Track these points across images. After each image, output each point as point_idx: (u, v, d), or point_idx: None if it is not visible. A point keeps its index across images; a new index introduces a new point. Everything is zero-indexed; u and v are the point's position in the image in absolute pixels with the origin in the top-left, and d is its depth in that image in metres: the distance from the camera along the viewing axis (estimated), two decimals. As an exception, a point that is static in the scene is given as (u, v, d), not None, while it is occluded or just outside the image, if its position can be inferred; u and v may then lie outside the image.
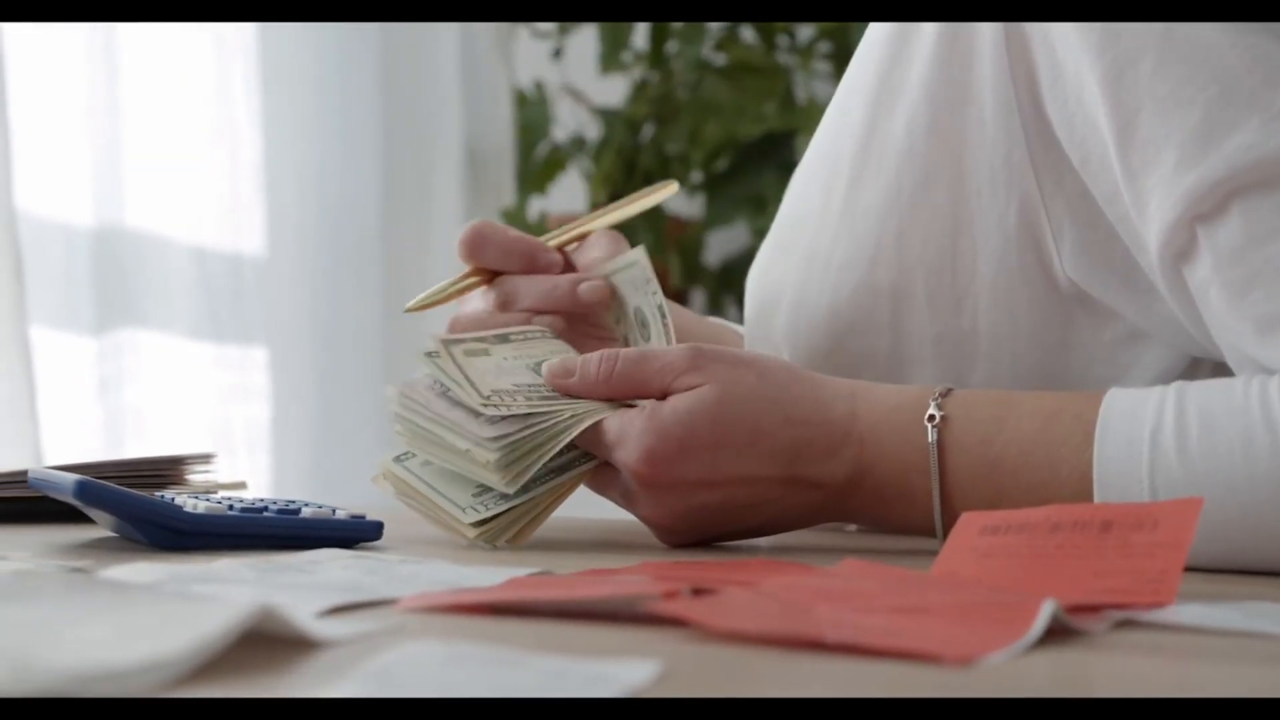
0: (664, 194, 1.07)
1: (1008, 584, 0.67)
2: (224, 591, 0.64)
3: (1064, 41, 0.86)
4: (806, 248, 0.97)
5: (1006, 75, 0.89)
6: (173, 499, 0.86)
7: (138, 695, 0.44)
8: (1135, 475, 0.80)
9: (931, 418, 0.84)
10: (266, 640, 0.51)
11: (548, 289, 0.98)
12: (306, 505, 0.88)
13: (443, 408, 0.89)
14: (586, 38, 2.59)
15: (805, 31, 2.50)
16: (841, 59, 2.42)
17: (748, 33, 2.51)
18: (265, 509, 0.86)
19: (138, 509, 0.83)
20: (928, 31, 0.92)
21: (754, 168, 2.42)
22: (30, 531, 0.93)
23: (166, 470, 1.02)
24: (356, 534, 0.85)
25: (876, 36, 0.96)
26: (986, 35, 0.89)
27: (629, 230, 2.45)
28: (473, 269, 1.00)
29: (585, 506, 0.95)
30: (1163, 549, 0.66)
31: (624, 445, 0.84)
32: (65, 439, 1.81)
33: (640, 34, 2.54)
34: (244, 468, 2.02)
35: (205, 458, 1.02)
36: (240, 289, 2.06)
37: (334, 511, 0.86)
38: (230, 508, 0.85)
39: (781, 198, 2.42)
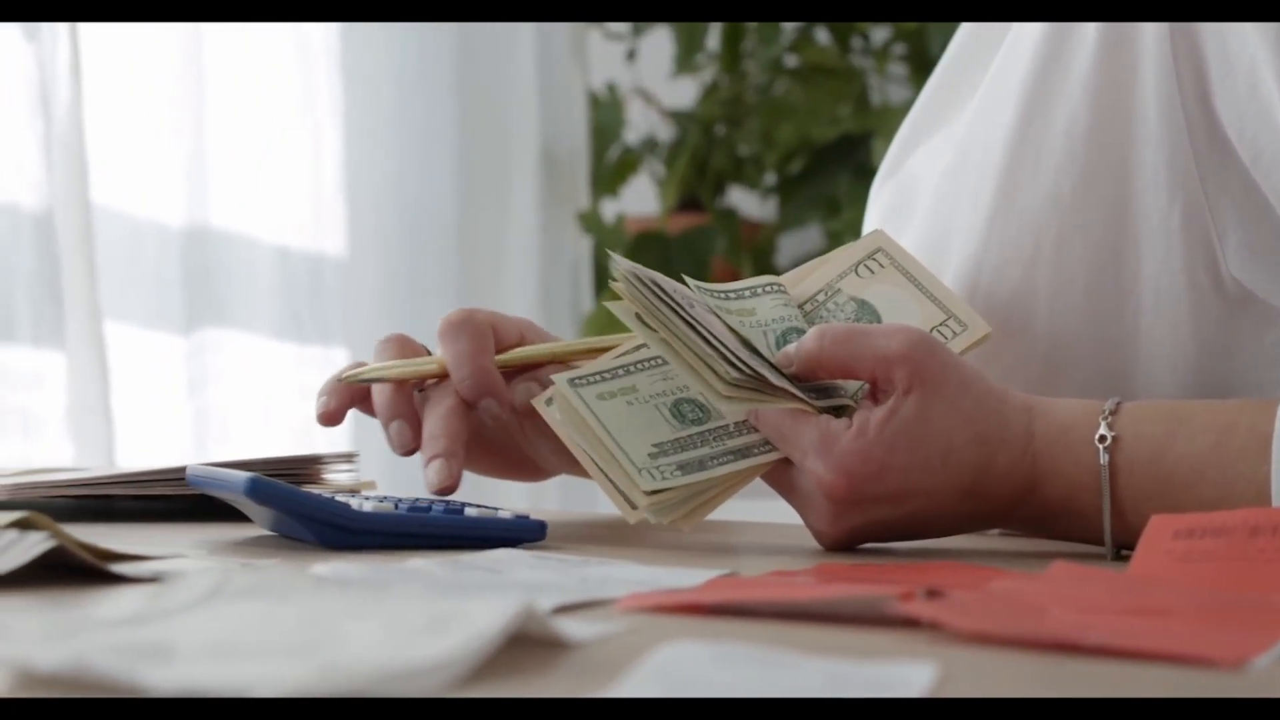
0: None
1: (1216, 587, 0.66)
2: (428, 590, 0.64)
3: (1238, 36, 0.85)
4: (956, 254, 0.96)
5: (1171, 72, 0.88)
6: (333, 497, 0.86)
7: (430, 694, 0.43)
8: None
9: (1103, 438, 0.83)
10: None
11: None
12: (469, 505, 0.87)
13: (684, 299, 0.86)
14: (657, 40, 2.59)
15: (880, 33, 2.49)
16: (917, 61, 2.41)
17: (822, 34, 2.51)
18: (430, 508, 0.86)
19: (307, 507, 0.83)
20: (1088, 32, 0.91)
21: (828, 171, 2.41)
22: (184, 529, 0.92)
23: (303, 469, 1.02)
24: (521, 534, 0.85)
25: (1026, 38, 0.96)
26: (1151, 33, 0.89)
27: (710, 234, 2.42)
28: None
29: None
30: (1374, 553, 0.66)
31: (824, 457, 0.82)
32: (153, 438, 1.81)
33: (714, 36, 2.53)
34: (326, 468, 2.01)
35: (347, 457, 1.02)
36: (322, 289, 2.05)
37: (497, 511, 0.86)
38: (396, 506, 0.85)
39: (856, 200, 2.40)
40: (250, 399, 1.97)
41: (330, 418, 0.96)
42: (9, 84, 1.52)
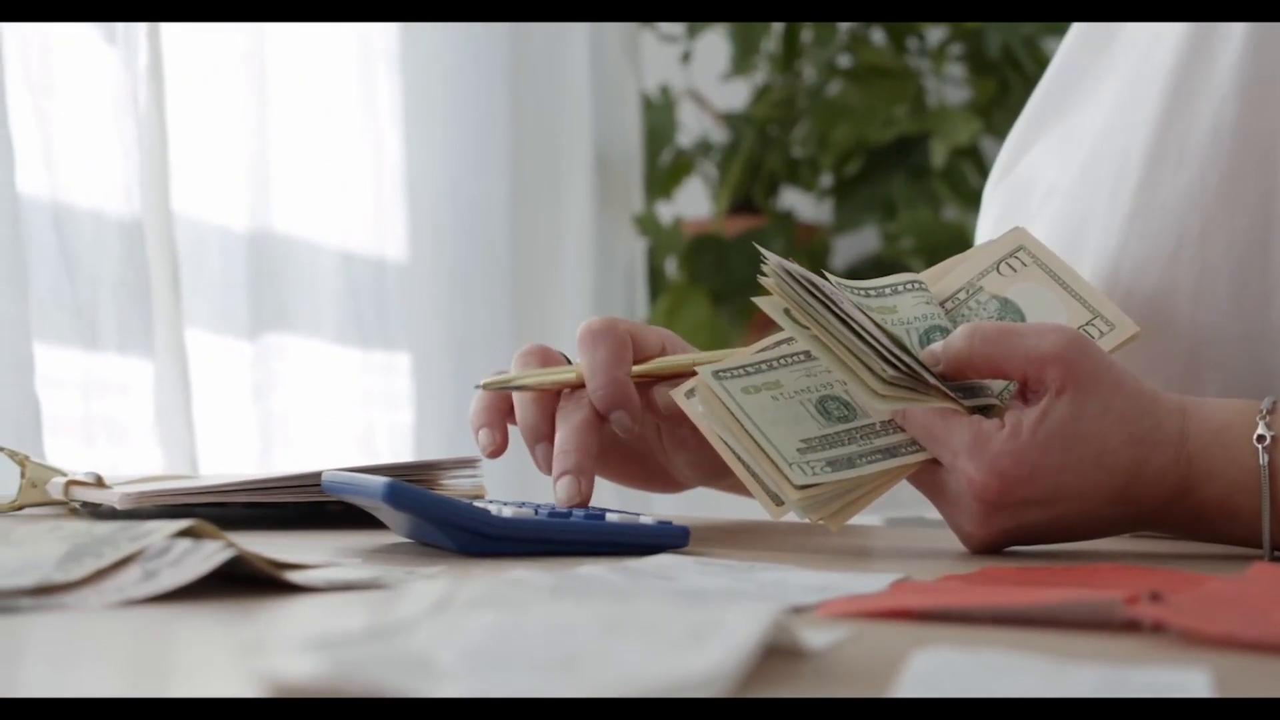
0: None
1: None
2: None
3: None
4: (1094, 251, 0.95)
5: (1323, 66, 0.87)
6: (470, 503, 0.84)
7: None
8: None
9: (1261, 438, 0.81)
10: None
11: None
12: (609, 511, 0.86)
13: (833, 294, 0.84)
14: (709, 42, 2.57)
15: (936, 34, 2.47)
16: (974, 61, 2.39)
17: (877, 35, 2.49)
18: (570, 514, 0.84)
19: (447, 513, 0.81)
20: (1235, 25, 0.90)
21: (884, 172, 2.39)
22: (309, 537, 0.91)
23: (422, 475, 1.00)
24: (664, 540, 0.83)
25: (1169, 33, 0.94)
26: (1302, 28, 0.87)
27: (767, 237, 2.40)
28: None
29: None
30: None
31: (976, 458, 0.81)
32: (224, 444, 1.80)
33: (768, 38, 2.52)
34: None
35: (469, 462, 1.01)
36: (384, 294, 2.04)
37: (639, 517, 0.85)
38: (535, 512, 0.84)
39: (913, 202, 2.38)
40: (315, 404, 1.95)
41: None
42: (95, 87, 1.50)
